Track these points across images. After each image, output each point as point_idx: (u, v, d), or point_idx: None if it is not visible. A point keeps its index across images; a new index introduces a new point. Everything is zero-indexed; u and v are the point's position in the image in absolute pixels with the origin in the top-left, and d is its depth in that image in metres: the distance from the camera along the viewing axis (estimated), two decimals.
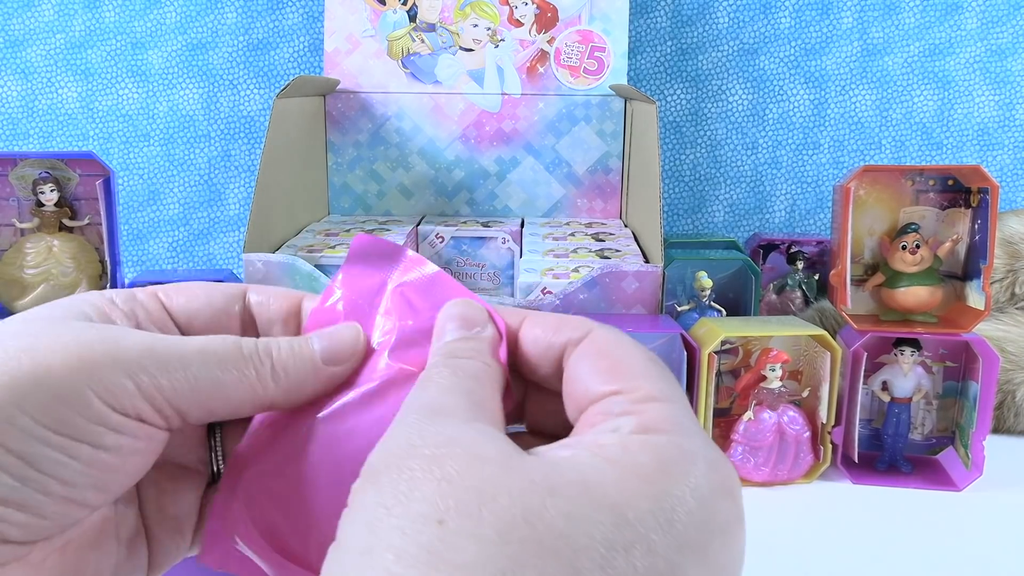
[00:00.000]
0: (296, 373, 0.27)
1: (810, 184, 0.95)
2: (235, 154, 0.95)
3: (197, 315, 0.29)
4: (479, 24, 0.86)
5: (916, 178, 0.64)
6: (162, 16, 0.92)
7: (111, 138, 0.94)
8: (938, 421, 0.65)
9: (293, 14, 0.92)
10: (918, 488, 0.61)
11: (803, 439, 0.60)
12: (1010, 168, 0.93)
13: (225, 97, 0.94)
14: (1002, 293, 0.74)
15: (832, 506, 0.58)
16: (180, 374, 0.25)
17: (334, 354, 0.27)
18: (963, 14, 0.91)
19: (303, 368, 0.27)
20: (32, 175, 0.71)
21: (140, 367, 0.24)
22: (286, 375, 0.27)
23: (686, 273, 0.71)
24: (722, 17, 0.92)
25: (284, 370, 0.27)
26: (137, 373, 0.24)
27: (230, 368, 0.26)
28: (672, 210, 0.96)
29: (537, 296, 0.65)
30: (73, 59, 0.92)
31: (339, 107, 0.88)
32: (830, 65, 0.92)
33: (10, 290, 0.69)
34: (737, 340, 0.63)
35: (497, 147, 0.88)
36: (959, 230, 0.63)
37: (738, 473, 0.60)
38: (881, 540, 0.54)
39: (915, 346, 0.62)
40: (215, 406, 0.26)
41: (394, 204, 0.89)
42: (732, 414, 0.63)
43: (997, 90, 0.92)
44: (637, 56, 0.93)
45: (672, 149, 0.95)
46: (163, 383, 0.24)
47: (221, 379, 0.25)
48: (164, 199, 0.95)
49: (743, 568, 0.21)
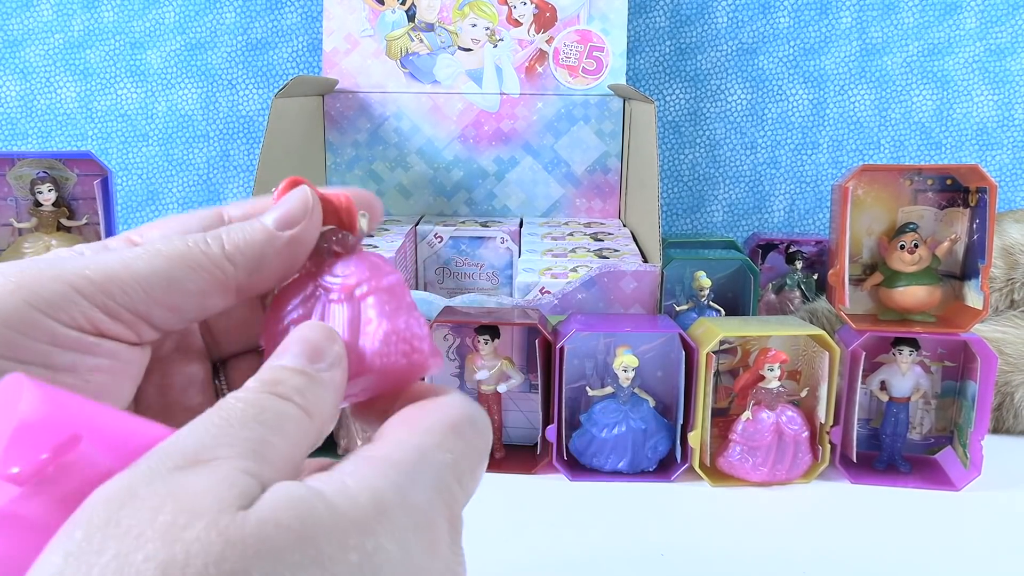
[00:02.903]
0: (250, 247, 0.26)
1: (809, 184, 0.95)
2: (234, 154, 0.95)
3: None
4: (478, 24, 0.86)
5: (914, 178, 0.64)
6: (161, 16, 0.92)
7: (110, 138, 0.94)
8: (936, 421, 0.65)
9: (292, 14, 0.92)
10: (916, 488, 0.61)
11: (801, 439, 0.60)
12: (1009, 168, 0.93)
13: (224, 97, 0.94)
14: (1001, 301, 0.74)
15: (830, 506, 0.58)
16: (127, 275, 0.24)
17: (287, 216, 0.26)
18: (962, 14, 0.91)
19: (257, 239, 0.26)
20: (30, 175, 0.70)
21: (83, 276, 0.23)
22: (240, 252, 0.26)
23: (685, 273, 0.71)
24: (721, 17, 0.92)
25: (237, 247, 0.26)
26: (81, 283, 0.23)
27: (177, 259, 0.25)
28: (671, 210, 0.96)
29: (535, 296, 0.65)
30: (72, 59, 0.92)
31: (338, 107, 0.88)
32: (829, 65, 0.92)
33: None
34: (735, 340, 0.63)
35: (496, 147, 0.88)
36: (957, 230, 0.63)
37: (737, 473, 0.60)
38: (880, 540, 0.54)
39: (913, 346, 0.62)
40: (179, 302, 0.25)
41: (393, 204, 0.89)
42: (730, 414, 0.63)
43: (996, 90, 0.92)
44: (636, 56, 0.93)
45: (671, 149, 0.95)
46: (112, 288, 0.24)
47: (172, 274, 0.25)
48: (163, 199, 0.95)
49: None
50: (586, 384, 0.62)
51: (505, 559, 0.50)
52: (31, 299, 0.22)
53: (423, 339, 0.26)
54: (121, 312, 0.24)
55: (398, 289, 0.27)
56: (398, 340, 0.26)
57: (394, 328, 0.26)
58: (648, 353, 0.62)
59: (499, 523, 0.54)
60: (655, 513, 0.57)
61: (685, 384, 0.60)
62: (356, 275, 0.27)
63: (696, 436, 0.60)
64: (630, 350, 0.60)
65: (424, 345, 0.26)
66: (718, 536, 0.54)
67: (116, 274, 0.24)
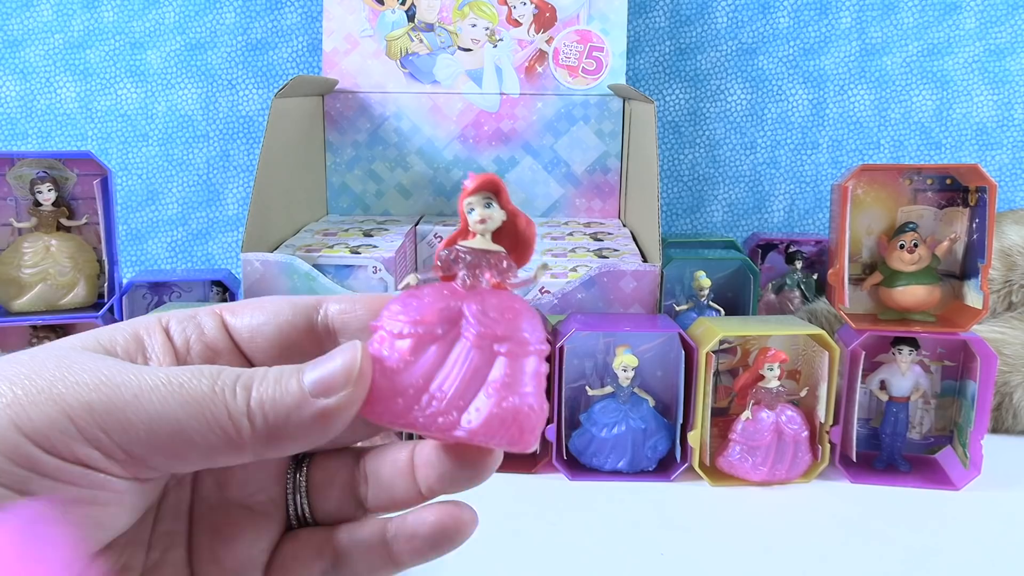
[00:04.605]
0: (276, 408, 0.22)
1: (809, 184, 0.95)
2: (233, 154, 0.95)
3: (259, 330, 0.26)
4: (477, 24, 0.86)
5: (914, 177, 0.64)
6: (161, 16, 0.92)
7: (110, 138, 0.94)
8: (936, 420, 0.65)
9: (291, 14, 0.92)
10: (916, 487, 0.61)
11: (801, 438, 0.60)
12: (1008, 167, 0.93)
13: (224, 97, 0.94)
14: (999, 303, 0.74)
15: (830, 505, 0.58)
16: (133, 413, 0.21)
17: (326, 381, 0.23)
18: (961, 14, 0.91)
19: (286, 401, 0.22)
20: (30, 175, 0.70)
21: (84, 405, 0.21)
22: (264, 412, 0.22)
23: (685, 273, 0.71)
24: (721, 17, 0.92)
25: (262, 405, 0.22)
26: (79, 413, 0.21)
27: (194, 406, 0.22)
28: (671, 210, 0.96)
29: (535, 295, 0.65)
30: (72, 59, 0.92)
31: (337, 107, 0.88)
32: (829, 65, 0.92)
33: (7, 289, 0.69)
34: (735, 339, 0.63)
35: (496, 147, 0.88)
36: (957, 229, 0.63)
37: (736, 472, 0.60)
38: (879, 539, 0.54)
39: (913, 345, 0.62)
40: (183, 453, 0.22)
41: (392, 204, 0.89)
42: (730, 413, 0.63)
43: (995, 90, 0.92)
44: (635, 56, 0.93)
45: (671, 149, 0.95)
46: (112, 425, 0.21)
47: (182, 423, 0.21)
48: (163, 199, 0.95)
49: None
50: (586, 384, 0.62)
51: (505, 559, 0.50)
52: (19, 420, 0.21)
53: (535, 426, 0.24)
54: (116, 451, 0.21)
55: (540, 363, 0.24)
56: (511, 421, 0.23)
57: (513, 407, 0.23)
58: (648, 353, 0.62)
59: (499, 523, 0.54)
60: (655, 513, 0.57)
61: (685, 384, 0.60)
62: (505, 327, 0.24)
63: (696, 436, 0.60)
64: (630, 350, 0.60)
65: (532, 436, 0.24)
66: (718, 536, 0.54)
67: (122, 410, 0.21)
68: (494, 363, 0.24)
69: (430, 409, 0.23)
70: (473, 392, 0.24)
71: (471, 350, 0.24)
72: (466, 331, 0.24)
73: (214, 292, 0.75)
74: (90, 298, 0.71)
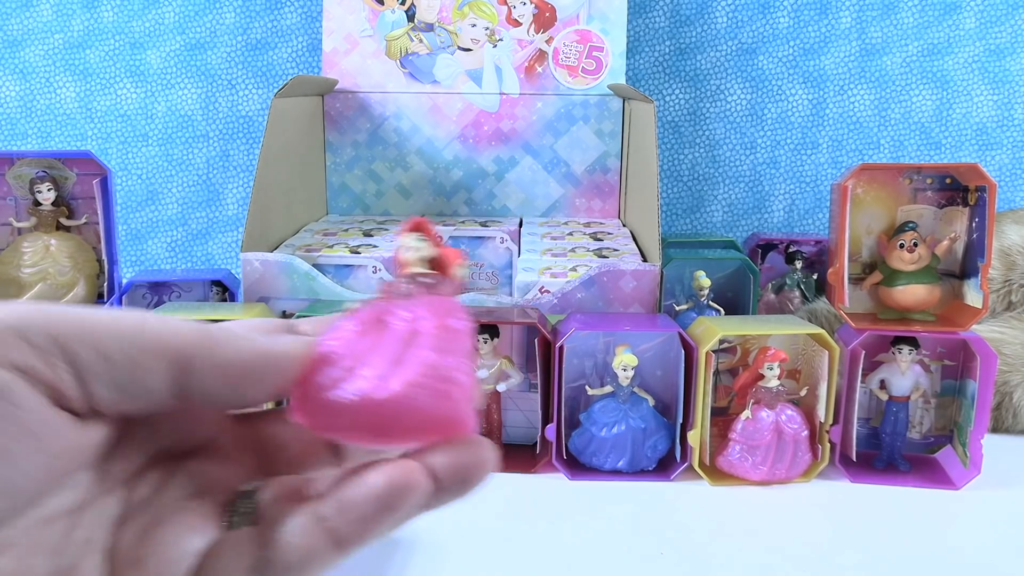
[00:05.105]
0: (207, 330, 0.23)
1: (808, 184, 0.95)
2: (233, 154, 0.95)
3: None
4: (477, 24, 0.86)
5: (914, 176, 0.64)
6: (160, 16, 0.92)
7: (109, 138, 0.94)
8: (936, 420, 0.65)
9: (291, 14, 0.92)
10: (916, 487, 0.61)
11: (801, 438, 0.60)
12: (1008, 167, 0.93)
13: (223, 97, 0.94)
14: (999, 303, 0.74)
15: (830, 505, 0.58)
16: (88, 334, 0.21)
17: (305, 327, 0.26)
18: (961, 14, 0.91)
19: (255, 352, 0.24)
20: (29, 174, 0.70)
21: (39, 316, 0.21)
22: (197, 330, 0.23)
23: (684, 272, 0.71)
24: (720, 17, 0.92)
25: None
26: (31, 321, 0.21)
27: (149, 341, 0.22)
28: (670, 210, 0.96)
29: (535, 295, 0.65)
30: (71, 59, 0.92)
31: (337, 107, 0.88)
32: (828, 65, 0.92)
33: (7, 289, 0.69)
34: (735, 339, 0.63)
35: (495, 147, 0.88)
36: (957, 228, 0.63)
37: (736, 472, 0.60)
38: (879, 539, 0.54)
39: (913, 344, 0.62)
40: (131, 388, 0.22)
41: (392, 204, 0.89)
42: (730, 413, 0.63)
43: (995, 89, 0.92)
44: (635, 56, 0.93)
45: (670, 149, 0.95)
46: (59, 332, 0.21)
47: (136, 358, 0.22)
48: (162, 199, 0.95)
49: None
50: (585, 383, 0.62)
51: (505, 558, 0.50)
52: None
53: (464, 390, 0.24)
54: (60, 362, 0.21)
55: (462, 336, 0.26)
56: (436, 378, 0.24)
57: (440, 364, 0.24)
58: (647, 352, 0.62)
59: (499, 522, 0.54)
60: (654, 512, 0.57)
61: (684, 383, 0.60)
62: (427, 308, 0.26)
63: (695, 435, 0.60)
64: (629, 349, 0.60)
65: (461, 396, 0.24)
66: (717, 535, 0.54)
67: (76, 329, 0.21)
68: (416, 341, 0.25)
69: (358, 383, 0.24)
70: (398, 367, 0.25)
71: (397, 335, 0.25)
72: (394, 322, 0.26)
73: (214, 292, 0.75)
74: (90, 298, 0.71)
